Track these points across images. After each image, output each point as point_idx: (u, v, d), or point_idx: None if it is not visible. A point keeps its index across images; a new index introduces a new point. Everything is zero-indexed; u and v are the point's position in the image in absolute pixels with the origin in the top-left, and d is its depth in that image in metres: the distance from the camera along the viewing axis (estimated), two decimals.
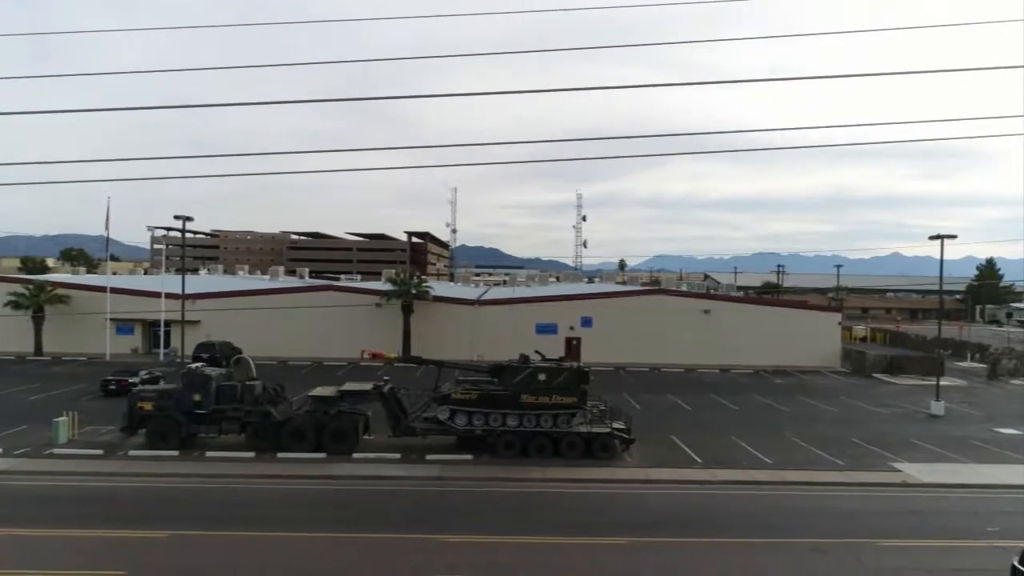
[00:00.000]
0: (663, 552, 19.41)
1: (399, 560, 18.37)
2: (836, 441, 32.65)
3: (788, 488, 25.64)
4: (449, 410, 28.51)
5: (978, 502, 24.53)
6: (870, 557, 19.22)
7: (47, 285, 57.35)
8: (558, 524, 21.38)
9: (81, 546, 18.90)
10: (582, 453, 28.13)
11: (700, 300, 60.91)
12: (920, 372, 53.88)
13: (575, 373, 28.94)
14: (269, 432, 28.13)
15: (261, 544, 19.33)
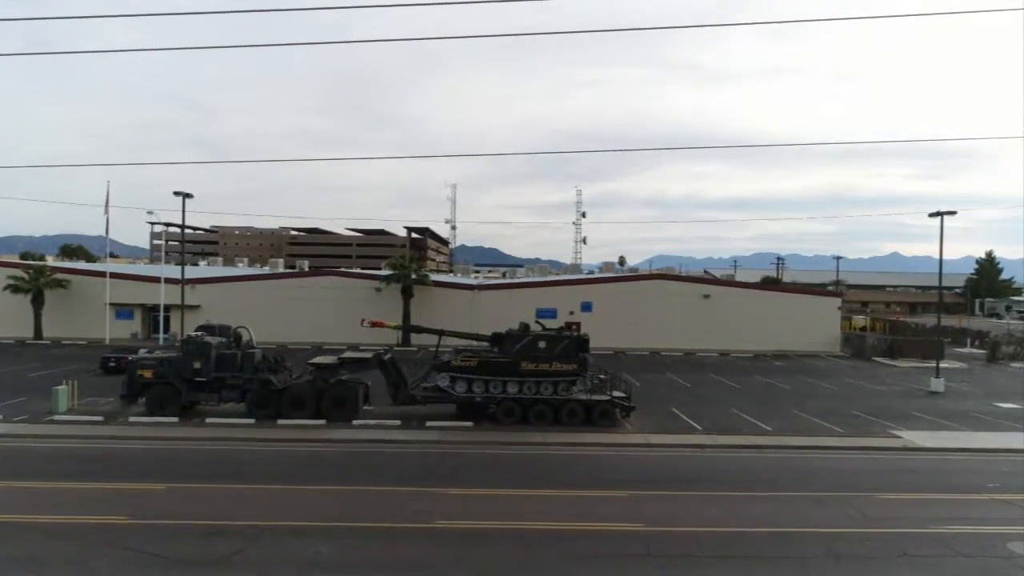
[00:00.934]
0: (663, 503, 19.44)
1: (400, 508, 18.39)
2: (836, 412, 32.68)
3: (788, 451, 25.65)
4: (449, 377, 28.52)
5: (979, 463, 24.56)
6: (870, 507, 19.25)
7: (46, 269, 57.36)
8: (557, 480, 21.44)
9: (82, 496, 18.92)
10: (582, 420, 28.14)
11: (700, 285, 60.96)
12: (920, 355, 53.88)
13: (575, 340, 28.95)
14: (269, 399, 28.11)
15: (262, 494, 19.38)
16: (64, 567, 14.40)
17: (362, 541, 16.24)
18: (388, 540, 16.32)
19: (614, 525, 17.45)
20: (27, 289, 55.37)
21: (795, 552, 15.86)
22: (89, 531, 16.34)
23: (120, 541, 15.72)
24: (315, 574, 14.20)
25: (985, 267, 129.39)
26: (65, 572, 14.16)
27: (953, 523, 18.08)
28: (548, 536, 16.65)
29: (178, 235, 72.65)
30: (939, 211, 40.03)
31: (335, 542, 16.05)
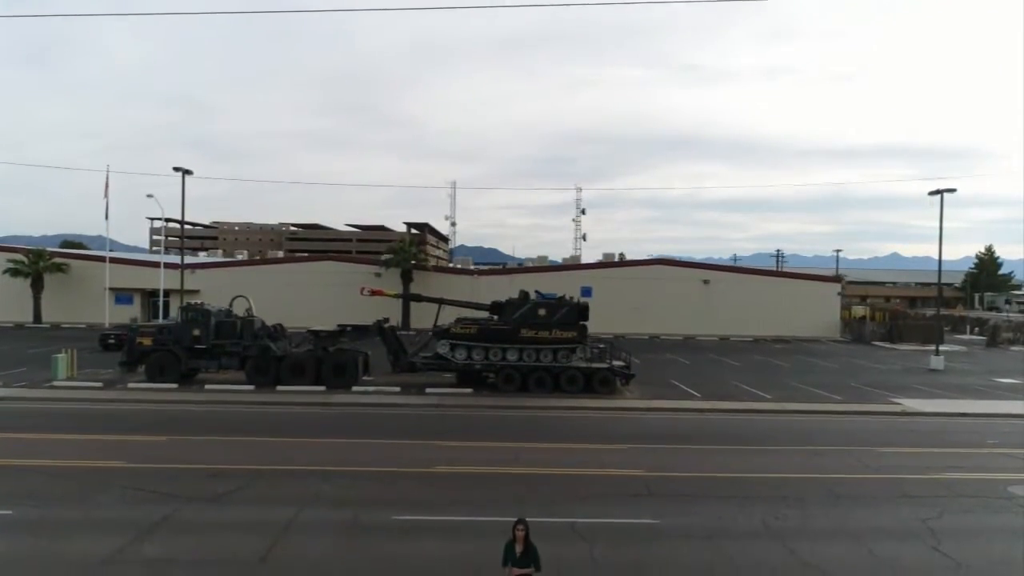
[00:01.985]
0: (662, 454, 19.44)
1: (399, 455, 18.41)
2: (835, 385, 32.68)
3: (787, 415, 25.66)
4: (449, 344, 28.50)
5: (979, 425, 24.54)
6: (869, 458, 19.28)
7: (46, 253, 57.35)
8: (557, 436, 21.44)
9: (82, 445, 18.97)
10: (582, 388, 28.11)
11: (699, 270, 60.92)
12: (920, 340, 53.84)
13: (575, 308, 28.95)
14: (268, 366, 28.10)
15: (262, 444, 19.44)
16: (64, 501, 14.41)
17: (363, 481, 16.25)
18: (388, 481, 16.32)
19: (613, 471, 17.46)
20: (27, 273, 55.38)
21: (794, 493, 15.85)
22: (89, 473, 16.36)
23: (119, 481, 15.72)
24: (315, 508, 14.18)
25: (985, 261, 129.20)
26: (65, 506, 14.15)
27: (953, 471, 18.10)
28: (546, 478, 16.66)
29: (177, 231, 72.76)
30: (939, 190, 40.05)
31: (335, 481, 16.06)
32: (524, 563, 8.62)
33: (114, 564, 11.30)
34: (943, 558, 12.30)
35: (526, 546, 8.70)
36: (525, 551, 8.67)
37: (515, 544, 8.73)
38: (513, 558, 8.68)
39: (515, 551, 8.70)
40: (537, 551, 8.76)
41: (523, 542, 8.70)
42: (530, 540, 8.76)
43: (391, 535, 12.92)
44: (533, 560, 8.66)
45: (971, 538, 13.27)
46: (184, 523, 13.22)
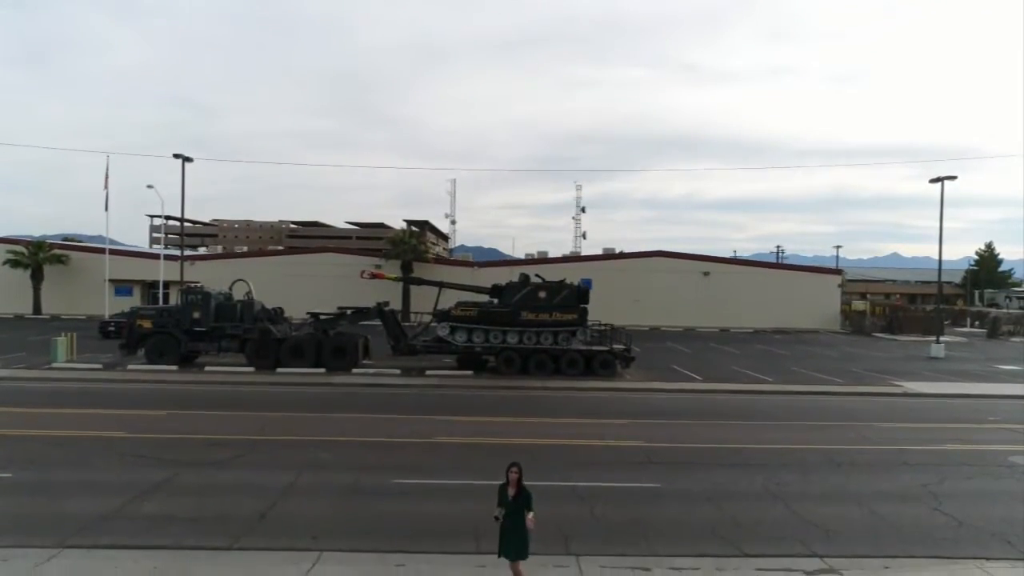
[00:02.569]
0: (664, 428, 19.40)
1: (399, 427, 18.41)
2: (835, 370, 32.64)
3: (787, 395, 25.60)
4: (449, 327, 28.44)
5: (980, 405, 24.48)
6: (870, 432, 19.27)
7: (46, 244, 57.29)
8: (557, 413, 21.41)
9: (81, 418, 18.95)
10: (582, 370, 28.06)
11: (699, 262, 60.77)
12: (920, 331, 53.80)
13: (575, 291, 28.90)
14: (268, 348, 28.04)
15: (262, 418, 19.36)
16: (63, 466, 14.39)
17: (362, 450, 16.24)
18: (387, 449, 16.30)
19: (614, 442, 17.45)
20: (26, 264, 55.31)
21: (794, 461, 15.83)
22: (88, 441, 16.34)
23: (119, 448, 15.72)
24: (315, 473, 14.14)
25: (985, 258, 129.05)
26: (64, 469, 14.13)
27: (954, 443, 18.08)
28: (546, 448, 16.61)
29: (176, 229, 72.79)
30: (939, 176, 40.01)
31: (334, 450, 16.05)
32: (516, 506, 8.56)
33: (113, 520, 11.27)
34: (945, 517, 12.27)
35: (519, 489, 8.63)
36: (518, 494, 8.61)
37: (508, 487, 8.70)
38: (506, 501, 8.63)
39: (508, 494, 8.67)
40: (531, 495, 8.70)
41: (516, 485, 8.63)
42: (523, 483, 8.71)
43: (390, 496, 12.90)
44: (525, 503, 8.60)
45: (972, 500, 13.23)
46: (183, 485, 13.19)
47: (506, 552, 8.63)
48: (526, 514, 8.50)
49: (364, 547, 10.40)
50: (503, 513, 8.61)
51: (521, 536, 8.53)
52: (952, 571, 9.97)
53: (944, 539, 11.28)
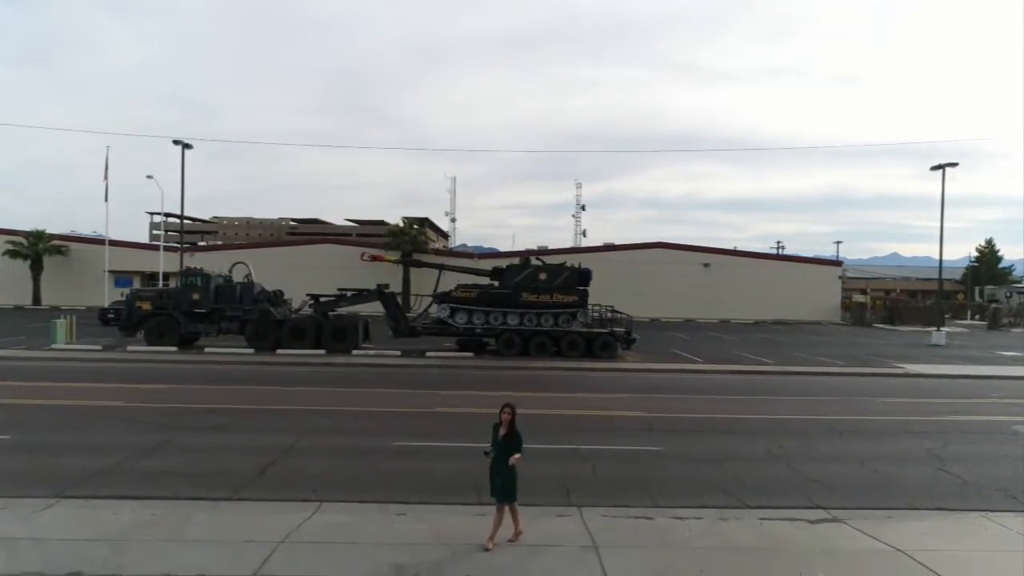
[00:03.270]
0: (665, 401, 19.34)
1: (402, 400, 18.35)
2: (837, 355, 32.52)
3: (789, 376, 25.53)
4: (449, 308, 28.37)
5: (982, 384, 24.42)
6: (872, 405, 19.22)
7: (45, 235, 57.17)
8: (559, 389, 21.36)
9: (80, 391, 18.87)
10: (583, 352, 27.97)
11: (700, 254, 60.68)
12: (920, 322, 53.74)
13: (575, 273, 28.83)
14: (268, 330, 27.94)
15: (261, 391, 19.33)
16: (62, 429, 14.34)
17: (362, 418, 16.20)
18: (388, 418, 16.26)
19: (617, 412, 17.39)
20: (26, 255, 55.22)
21: (796, 430, 15.77)
22: (87, 409, 16.28)
23: (117, 415, 15.66)
24: (315, 436, 14.08)
25: (985, 254, 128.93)
26: (63, 433, 14.07)
27: (958, 415, 18.01)
28: (548, 417, 16.51)
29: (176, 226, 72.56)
30: (940, 164, 39.96)
31: (334, 417, 16.01)
32: (507, 446, 8.44)
33: (111, 475, 11.19)
34: (949, 476, 12.20)
35: (510, 430, 8.53)
36: (509, 434, 8.51)
37: (500, 428, 8.59)
38: (496, 439, 8.54)
39: (499, 433, 8.57)
40: (521, 439, 8.58)
41: (508, 425, 8.53)
42: (515, 426, 8.59)
43: (390, 456, 12.84)
44: (516, 446, 8.48)
45: (977, 462, 13.16)
46: (182, 446, 13.12)
47: (494, 492, 8.54)
48: (513, 455, 8.36)
49: (365, 500, 10.33)
50: (493, 453, 8.50)
51: (509, 478, 8.40)
52: (958, 521, 9.89)
53: (949, 495, 11.19)
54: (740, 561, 8.10)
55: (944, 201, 40.05)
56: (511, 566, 7.87)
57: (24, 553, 7.92)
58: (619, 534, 8.94)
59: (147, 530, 8.77)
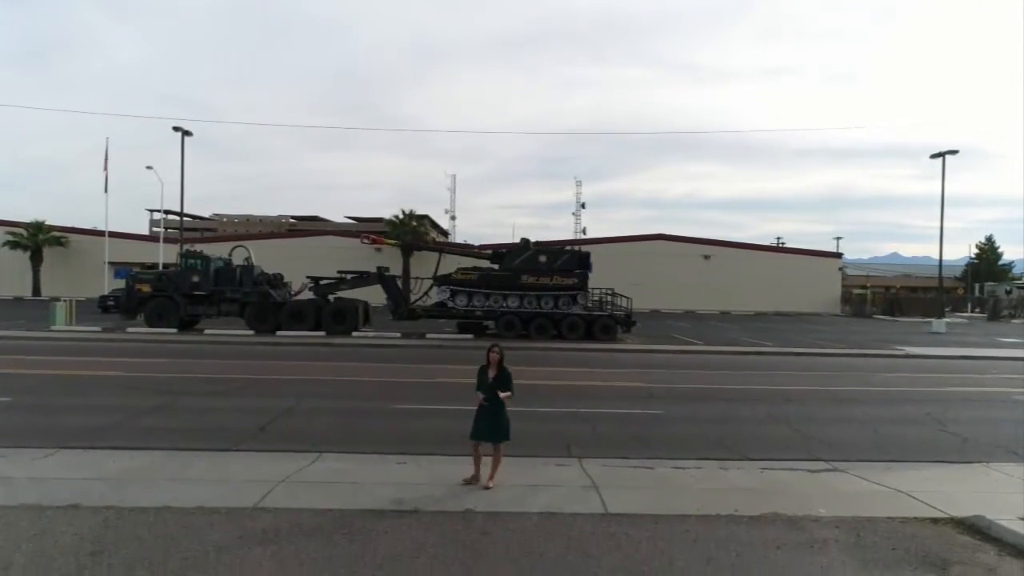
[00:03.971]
0: (666, 375, 19.33)
1: (400, 372, 18.33)
2: (837, 341, 32.54)
3: (788, 356, 25.50)
4: (450, 290, 28.35)
5: (982, 364, 24.41)
6: (873, 379, 19.22)
7: (44, 226, 57.18)
8: (560, 365, 21.32)
9: (81, 363, 18.84)
10: (583, 335, 27.95)
11: (700, 246, 60.69)
12: (920, 313, 53.70)
13: (575, 255, 28.83)
14: (268, 312, 27.93)
15: (263, 364, 19.29)
16: (62, 394, 14.33)
17: (362, 386, 16.17)
18: (388, 386, 16.24)
19: (618, 383, 17.38)
20: (26, 246, 55.23)
21: (797, 397, 15.77)
22: (87, 378, 16.29)
23: (117, 383, 15.64)
24: (314, 400, 14.06)
25: (985, 251, 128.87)
26: (63, 397, 14.05)
27: (957, 386, 18.00)
28: (549, 387, 16.53)
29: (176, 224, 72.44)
30: (941, 152, 39.95)
31: (335, 386, 16.00)
32: (495, 386, 8.38)
33: (110, 430, 11.17)
34: (949, 436, 12.19)
35: (499, 370, 8.48)
36: (498, 375, 8.46)
37: (488, 368, 8.53)
38: (485, 383, 8.47)
39: (488, 375, 8.50)
40: (510, 377, 8.53)
41: (497, 366, 8.49)
42: (504, 366, 8.55)
43: (391, 417, 12.83)
44: (506, 384, 8.43)
45: (977, 424, 13.15)
46: (182, 407, 13.12)
47: (483, 434, 8.43)
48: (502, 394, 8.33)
49: (365, 451, 10.31)
50: (484, 397, 8.47)
51: (501, 417, 8.40)
52: (958, 470, 9.87)
53: (950, 450, 11.18)
54: (740, 499, 8.08)
55: (944, 188, 40.03)
56: (512, 500, 7.86)
57: (22, 489, 7.91)
58: (619, 478, 8.93)
59: (146, 472, 8.76)
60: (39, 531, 6.60)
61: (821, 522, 7.35)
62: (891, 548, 6.66)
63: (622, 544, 6.61)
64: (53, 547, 6.23)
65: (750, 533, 6.98)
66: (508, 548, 6.44)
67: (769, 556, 6.41)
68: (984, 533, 7.04)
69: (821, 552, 6.53)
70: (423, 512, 7.42)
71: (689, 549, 6.53)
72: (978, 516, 7.31)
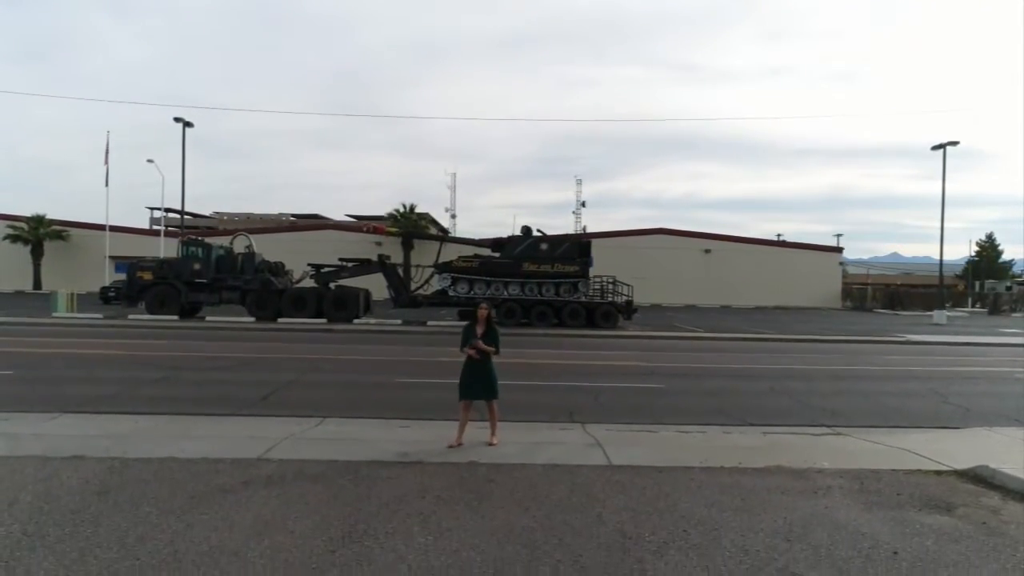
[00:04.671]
0: (667, 355, 19.32)
1: (402, 352, 18.32)
2: (838, 330, 32.51)
3: (789, 343, 25.48)
4: (451, 278, 28.35)
5: (983, 348, 24.42)
6: (874, 360, 19.20)
7: (45, 220, 57.16)
8: (562, 348, 21.32)
9: (83, 344, 18.83)
10: (584, 322, 27.94)
11: (700, 240, 60.60)
12: (921, 307, 53.73)
13: (577, 243, 28.85)
14: (269, 300, 27.91)
15: (265, 345, 19.28)
16: (65, 368, 14.33)
17: (364, 364, 16.18)
18: (390, 364, 16.24)
19: (618, 362, 17.38)
20: (27, 239, 55.21)
21: (799, 375, 15.78)
22: (89, 356, 16.27)
23: (120, 360, 15.67)
24: (317, 374, 14.08)
25: (985, 249, 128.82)
26: (66, 371, 14.04)
27: (959, 366, 18.01)
28: (551, 365, 16.58)
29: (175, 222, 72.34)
30: (941, 143, 39.95)
31: (337, 363, 15.99)
32: (485, 343, 8.28)
33: (114, 399, 11.18)
34: (951, 407, 12.19)
35: (488, 327, 8.35)
36: (486, 332, 8.33)
37: (476, 326, 8.39)
38: (472, 340, 8.32)
39: (476, 332, 8.35)
40: (498, 335, 8.41)
41: (485, 322, 8.34)
42: (492, 323, 8.43)
43: (394, 389, 12.84)
44: (493, 341, 8.31)
45: (979, 397, 13.16)
46: (185, 380, 13.14)
47: (476, 393, 8.33)
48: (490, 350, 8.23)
49: (368, 417, 10.32)
50: (473, 347, 8.30)
51: (492, 375, 8.32)
52: (960, 433, 9.88)
53: (953, 418, 11.18)
54: (743, 454, 8.09)
55: (945, 177, 40.01)
56: (515, 454, 7.86)
57: (27, 443, 7.92)
58: (622, 439, 8.94)
59: (150, 432, 8.77)
60: (45, 476, 6.61)
61: (825, 473, 7.36)
62: (895, 494, 6.67)
63: (626, 488, 6.63)
64: (59, 488, 6.25)
65: (754, 481, 7.00)
66: (513, 492, 6.45)
67: (773, 499, 6.42)
68: (988, 481, 7.06)
69: (825, 496, 6.54)
70: (427, 463, 7.43)
71: (693, 494, 6.54)
72: (982, 466, 7.32)
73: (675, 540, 5.30)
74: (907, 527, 5.73)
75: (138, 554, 4.77)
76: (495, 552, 4.97)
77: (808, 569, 4.82)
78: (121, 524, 5.33)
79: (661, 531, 5.48)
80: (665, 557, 4.96)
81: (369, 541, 5.11)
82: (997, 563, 5.04)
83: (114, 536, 5.08)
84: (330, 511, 5.78)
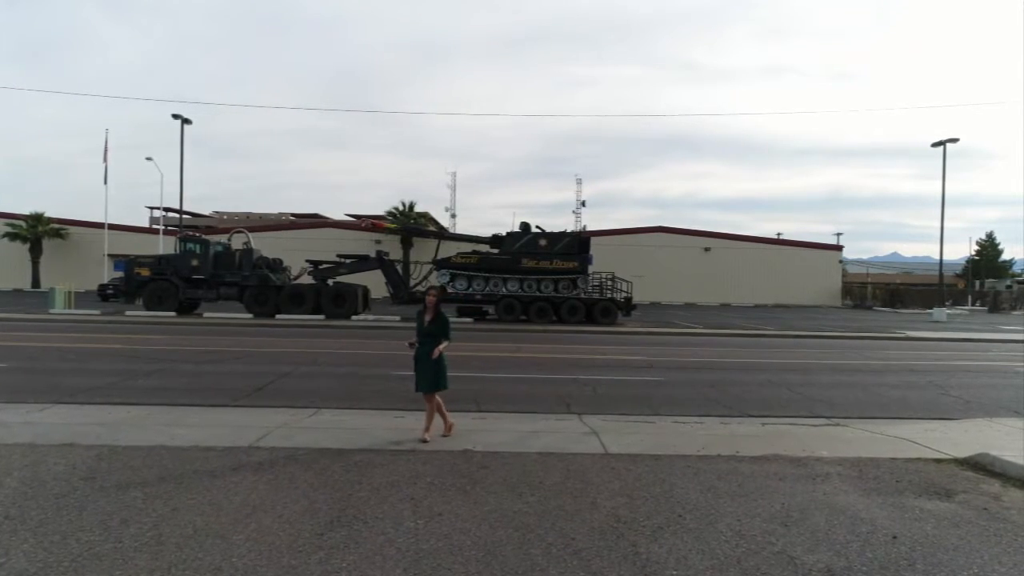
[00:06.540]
0: (665, 349, 19.23)
1: (401, 346, 18.13)
2: (838, 327, 32.44)
3: (788, 339, 25.38)
4: (449, 274, 28.25)
5: (983, 344, 24.32)
6: (875, 353, 19.11)
7: (44, 218, 57.07)
8: (561, 342, 21.23)
9: (80, 338, 18.75)
10: (583, 318, 27.86)
11: (700, 238, 60.50)
12: (921, 305, 53.64)
13: (576, 239, 28.73)
14: (267, 296, 27.81)
15: (260, 340, 19.18)
16: (60, 361, 14.23)
17: (361, 358, 16.08)
18: (389, 357, 16.13)
19: (617, 356, 17.30)
20: (25, 237, 55.12)
21: (798, 368, 15.70)
22: (85, 350, 16.19)
23: (116, 353, 15.57)
24: (312, 367, 13.99)
25: (985, 248, 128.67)
26: (61, 363, 13.96)
27: (959, 360, 17.91)
28: (549, 359, 16.50)
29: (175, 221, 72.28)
30: (941, 140, 39.85)
31: (334, 355, 15.90)
32: (431, 331, 8.05)
33: (108, 390, 11.08)
34: (951, 399, 12.10)
35: (435, 314, 8.08)
36: (434, 319, 8.08)
37: (424, 313, 8.16)
38: (421, 326, 8.10)
39: (424, 319, 8.12)
40: (447, 324, 8.17)
41: (433, 309, 8.07)
42: (441, 310, 8.16)
43: (390, 381, 12.72)
44: (442, 331, 8.06)
45: (979, 389, 13.07)
46: (179, 371, 13.05)
47: (421, 385, 8.08)
48: (440, 341, 7.91)
49: (364, 408, 10.24)
50: (418, 342, 8.06)
51: (437, 365, 7.98)
52: (960, 424, 9.78)
53: (952, 410, 11.09)
54: (741, 443, 8.00)
55: (945, 173, 39.93)
56: (510, 442, 7.78)
57: (17, 431, 7.83)
58: (619, 429, 8.85)
59: (141, 421, 8.67)
60: (32, 462, 6.52)
61: (823, 461, 7.27)
62: (895, 481, 6.58)
63: (622, 474, 6.54)
64: (46, 473, 6.16)
65: (752, 468, 6.91)
66: (506, 478, 6.36)
67: (771, 485, 6.33)
68: (988, 469, 6.96)
69: (824, 483, 6.45)
70: (420, 451, 7.35)
71: (690, 480, 6.45)
72: (982, 453, 7.23)
73: (670, 525, 5.21)
74: (906, 512, 5.64)
75: (121, 537, 4.68)
76: (487, 535, 4.88)
77: (805, 553, 4.73)
78: (106, 508, 5.25)
79: (656, 516, 5.39)
80: (660, 541, 4.87)
81: (358, 525, 5.02)
82: (999, 547, 4.95)
83: (97, 519, 5.00)
84: (320, 496, 5.69)
